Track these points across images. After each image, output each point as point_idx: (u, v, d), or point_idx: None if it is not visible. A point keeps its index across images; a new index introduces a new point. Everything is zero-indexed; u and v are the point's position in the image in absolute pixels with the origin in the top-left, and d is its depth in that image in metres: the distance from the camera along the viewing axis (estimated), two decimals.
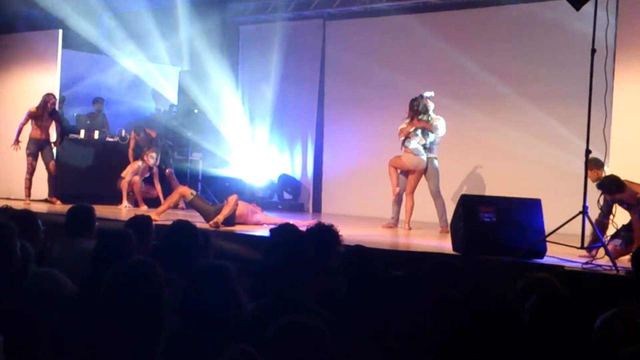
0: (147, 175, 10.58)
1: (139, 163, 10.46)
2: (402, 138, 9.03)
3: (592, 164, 6.73)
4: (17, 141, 10.13)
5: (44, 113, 10.16)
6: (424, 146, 8.98)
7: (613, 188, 6.42)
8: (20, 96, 11.27)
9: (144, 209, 9.90)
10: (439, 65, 10.80)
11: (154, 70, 12.59)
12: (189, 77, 12.28)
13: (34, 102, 10.34)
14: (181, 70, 12.78)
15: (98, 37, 11.62)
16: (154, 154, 10.43)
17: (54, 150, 10.40)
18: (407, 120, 9.12)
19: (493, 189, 9.90)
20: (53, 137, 10.39)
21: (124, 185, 10.33)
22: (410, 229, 8.91)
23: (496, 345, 2.55)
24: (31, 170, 10.20)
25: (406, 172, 9.07)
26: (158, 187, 10.63)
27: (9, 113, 11.28)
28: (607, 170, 7.50)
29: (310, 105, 12.33)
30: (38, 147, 10.20)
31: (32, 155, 10.18)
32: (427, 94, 9.11)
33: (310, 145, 12.33)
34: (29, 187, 10.17)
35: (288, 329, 2.33)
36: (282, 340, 2.31)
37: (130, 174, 10.37)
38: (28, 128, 10.23)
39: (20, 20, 11.04)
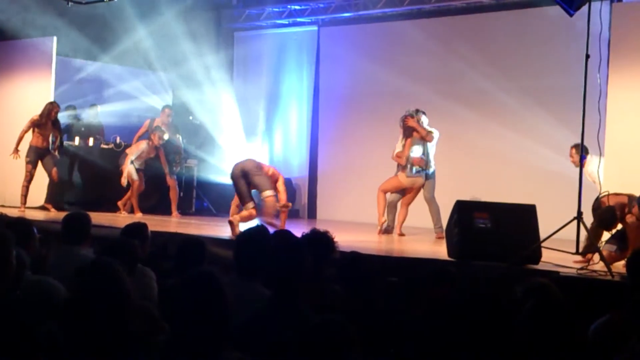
0: (152, 155, 10.45)
1: (145, 143, 10.39)
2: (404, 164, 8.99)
3: (577, 150, 6.83)
4: (17, 150, 10.11)
5: (47, 122, 10.16)
6: (425, 165, 8.97)
7: (617, 216, 6.39)
8: (15, 103, 11.26)
9: (138, 216, 9.90)
10: (433, 70, 10.83)
11: (148, 77, 12.57)
12: (183, 83, 12.29)
13: (28, 109, 10.32)
14: (175, 76, 12.78)
15: (91, 44, 11.60)
16: (161, 134, 10.35)
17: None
18: (401, 140, 9.11)
19: (488, 194, 9.90)
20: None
21: (125, 164, 10.20)
22: (403, 234, 8.92)
23: (491, 351, 2.55)
24: (29, 178, 10.15)
25: (403, 189, 9.09)
26: (174, 194, 10.61)
27: (2, 120, 11.27)
28: (593, 160, 7.42)
29: (305, 110, 12.34)
30: (39, 155, 10.17)
31: (32, 163, 10.14)
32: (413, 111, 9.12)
33: (305, 151, 12.34)
34: (25, 195, 10.13)
35: (318, 329, 2.36)
36: (312, 340, 2.34)
37: (134, 153, 10.26)
38: (28, 136, 10.19)
39: (15, 27, 11.00)
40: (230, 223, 7.60)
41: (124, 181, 10.14)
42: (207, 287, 2.60)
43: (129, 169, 10.17)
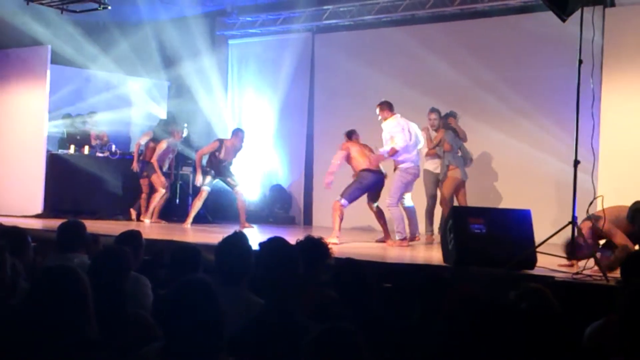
0: (170, 156, 10.62)
1: (166, 142, 10.48)
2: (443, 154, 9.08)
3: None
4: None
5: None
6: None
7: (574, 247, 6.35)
8: (10, 112, 11.24)
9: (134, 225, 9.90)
10: (428, 76, 10.85)
11: (143, 84, 12.57)
12: (178, 90, 12.27)
13: (22, 118, 10.29)
14: (170, 84, 12.78)
15: (86, 52, 11.59)
16: (182, 131, 10.57)
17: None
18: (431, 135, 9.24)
19: (483, 200, 9.93)
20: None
21: (157, 171, 10.35)
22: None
23: (485, 355, 2.56)
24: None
25: (440, 183, 9.15)
26: (197, 204, 10.47)
27: None
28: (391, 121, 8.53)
29: (300, 117, 12.35)
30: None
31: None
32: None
33: (300, 158, 12.33)
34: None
35: (327, 336, 2.37)
36: (322, 348, 2.34)
37: (157, 154, 10.37)
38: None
39: (9, 36, 10.99)
40: None
41: (160, 188, 10.42)
42: (202, 294, 2.60)
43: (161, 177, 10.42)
